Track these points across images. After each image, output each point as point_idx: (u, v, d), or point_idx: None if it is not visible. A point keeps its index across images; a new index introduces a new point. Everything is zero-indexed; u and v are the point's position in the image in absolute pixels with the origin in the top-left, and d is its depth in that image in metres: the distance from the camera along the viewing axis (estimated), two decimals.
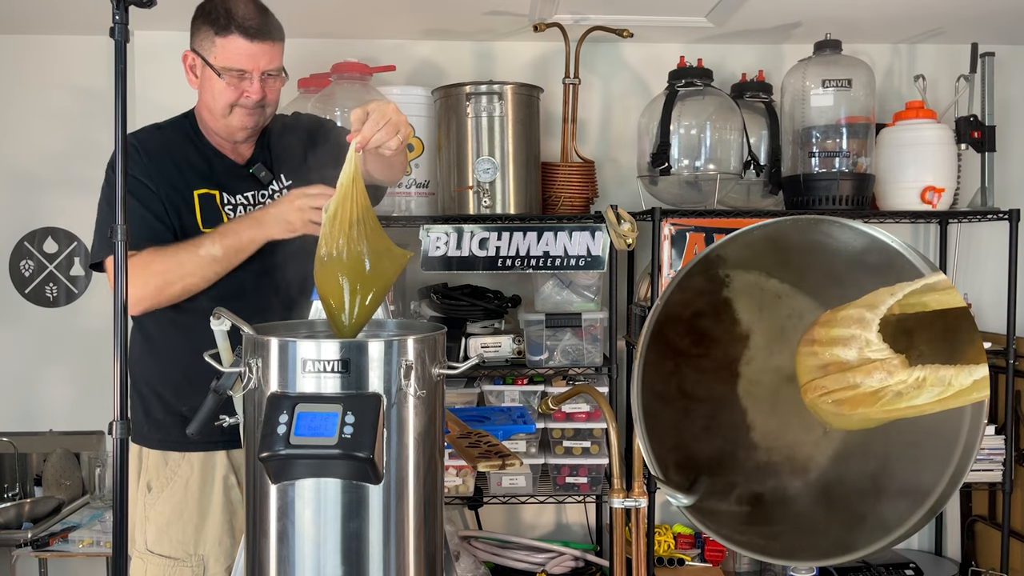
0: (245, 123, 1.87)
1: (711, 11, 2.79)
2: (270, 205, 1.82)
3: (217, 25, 1.79)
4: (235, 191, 1.92)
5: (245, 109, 1.84)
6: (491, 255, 2.70)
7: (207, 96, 1.86)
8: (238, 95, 1.82)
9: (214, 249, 1.78)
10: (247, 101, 1.83)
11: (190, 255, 1.79)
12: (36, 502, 2.93)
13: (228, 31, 1.78)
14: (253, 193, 1.94)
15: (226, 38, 1.79)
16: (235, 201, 1.91)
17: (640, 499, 1.75)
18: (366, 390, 1.30)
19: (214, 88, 1.83)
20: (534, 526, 3.24)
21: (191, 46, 1.85)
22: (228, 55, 1.80)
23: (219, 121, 1.87)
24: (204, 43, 1.82)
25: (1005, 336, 2.80)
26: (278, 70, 1.86)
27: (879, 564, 2.87)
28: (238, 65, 1.80)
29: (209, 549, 1.89)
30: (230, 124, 1.87)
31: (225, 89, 1.82)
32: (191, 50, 1.85)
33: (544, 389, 2.79)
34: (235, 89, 1.82)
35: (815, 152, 2.77)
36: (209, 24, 1.80)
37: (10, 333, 3.14)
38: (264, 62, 1.82)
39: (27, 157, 3.11)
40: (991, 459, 2.83)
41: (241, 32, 1.79)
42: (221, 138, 1.92)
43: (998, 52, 2.91)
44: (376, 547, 1.32)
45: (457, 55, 3.14)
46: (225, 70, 1.80)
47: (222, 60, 1.80)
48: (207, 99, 1.86)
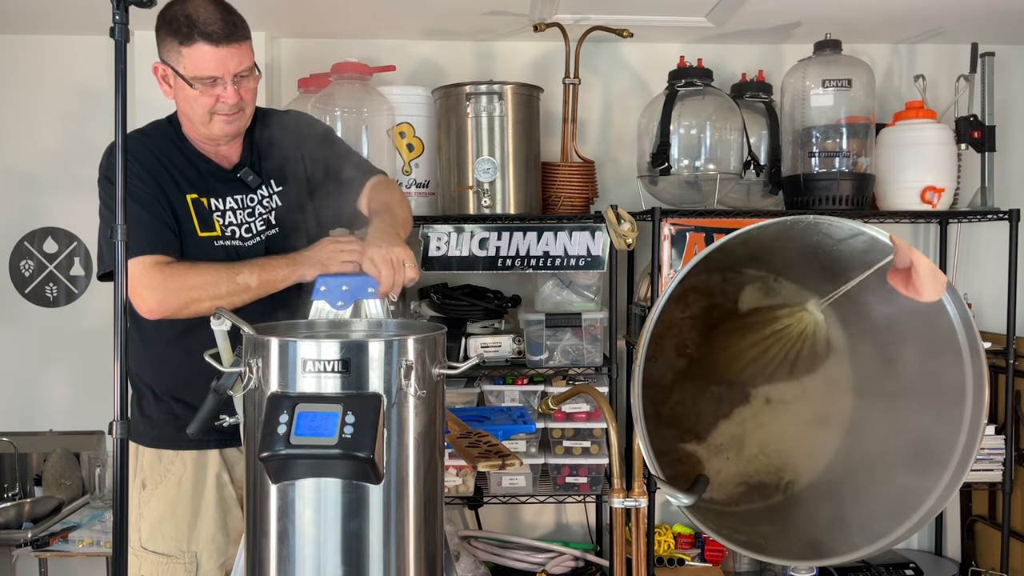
0: (226, 131, 1.86)
1: (711, 11, 2.79)
2: (305, 250, 1.83)
3: (180, 34, 1.74)
4: (223, 195, 1.90)
5: (224, 116, 1.82)
6: (491, 255, 2.70)
7: (184, 105, 1.84)
8: (214, 101, 1.80)
9: (251, 279, 1.78)
10: (223, 107, 1.81)
11: (227, 280, 1.77)
12: (36, 502, 2.93)
13: (192, 39, 1.74)
14: (241, 197, 1.92)
15: (191, 47, 1.74)
16: (223, 206, 1.90)
17: (640, 499, 1.75)
18: (366, 390, 1.30)
19: (188, 97, 1.80)
20: (534, 526, 3.24)
21: (160, 57, 1.81)
22: (196, 64, 1.76)
23: (200, 130, 1.86)
24: (171, 54, 1.77)
25: (1005, 336, 2.80)
26: (249, 69, 1.82)
27: (879, 564, 2.87)
28: (208, 73, 1.77)
29: (202, 546, 1.89)
30: (212, 132, 1.85)
31: (199, 97, 1.79)
32: (160, 61, 1.81)
33: (544, 389, 2.79)
34: (210, 96, 1.79)
35: (815, 152, 2.77)
36: (172, 34, 1.76)
37: (10, 333, 3.14)
38: (234, 64, 1.78)
39: (27, 157, 3.10)
40: (991, 459, 2.83)
41: (205, 39, 1.74)
42: (203, 142, 1.91)
43: (998, 52, 2.91)
44: (376, 547, 1.32)
45: (457, 55, 3.14)
46: (196, 79, 1.77)
47: (191, 69, 1.76)
48: (184, 108, 1.85)
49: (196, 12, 1.74)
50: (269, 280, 1.80)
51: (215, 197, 1.89)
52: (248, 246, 1.90)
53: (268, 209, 1.94)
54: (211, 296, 1.76)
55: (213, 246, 1.86)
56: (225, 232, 1.88)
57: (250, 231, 1.91)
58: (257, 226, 1.92)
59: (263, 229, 1.93)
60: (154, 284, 1.75)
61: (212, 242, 1.87)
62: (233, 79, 1.79)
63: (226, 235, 1.88)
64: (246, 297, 1.78)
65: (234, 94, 1.80)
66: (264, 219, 1.93)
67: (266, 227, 1.94)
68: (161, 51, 1.80)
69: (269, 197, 1.95)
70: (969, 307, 2.18)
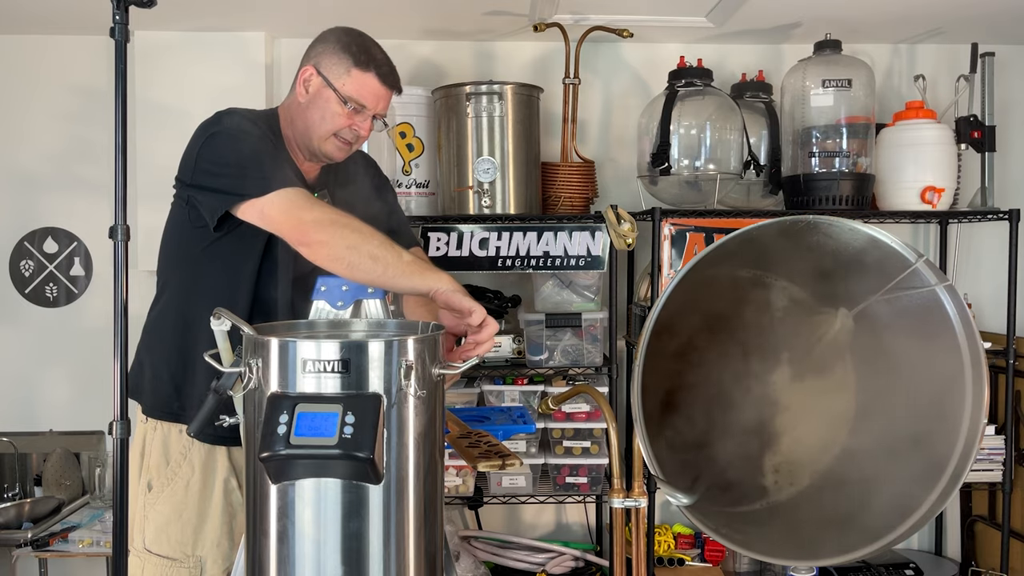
0: (335, 155, 1.93)
1: (711, 11, 2.79)
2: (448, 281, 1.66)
3: (357, 58, 1.86)
4: None
5: (342, 142, 1.90)
6: (491, 255, 2.70)
7: (315, 115, 1.89)
8: (348, 125, 1.88)
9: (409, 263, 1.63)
10: (350, 133, 1.89)
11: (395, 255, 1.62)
12: (36, 502, 2.93)
13: (368, 68, 1.87)
14: None
15: (364, 73, 1.87)
16: None
17: (640, 499, 1.75)
18: (366, 390, 1.30)
19: (328, 111, 1.87)
20: (534, 526, 3.24)
21: (315, 63, 1.88)
22: (360, 89, 1.87)
23: (314, 142, 1.91)
24: (335, 68, 1.87)
25: (1005, 336, 2.80)
26: (384, 119, 1.95)
27: (879, 564, 2.87)
28: (364, 101, 1.88)
29: (207, 551, 1.89)
30: (323, 149, 1.91)
31: (338, 115, 1.87)
32: (314, 69, 1.88)
33: (544, 389, 2.79)
34: (347, 119, 1.88)
35: (815, 152, 2.77)
36: (347, 54, 1.86)
37: (10, 333, 3.14)
38: (382, 106, 1.92)
39: (27, 157, 3.10)
40: (991, 459, 2.83)
41: (379, 73, 1.88)
42: (299, 150, 1.94)
43: (998, 52, 2.91)
44: (376, 547, 1.32)
45: (457, 55, 3.14)
46: (350, 99, 1.86)
47: (351, 90, 1.86)
48: (313, 118, 1.89)
49: (374, 50, 1.90)
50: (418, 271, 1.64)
51: None
52: None
53: None
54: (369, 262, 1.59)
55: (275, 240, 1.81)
56: None
57: None
58: None
59: None
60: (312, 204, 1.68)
61: None
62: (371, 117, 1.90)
63: None
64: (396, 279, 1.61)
65: (369, 128, 1.91)
66: None
67: None
68: (322, 62, 1.88)
69: None
70: (969, 307, 2.18)
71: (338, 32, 1.92)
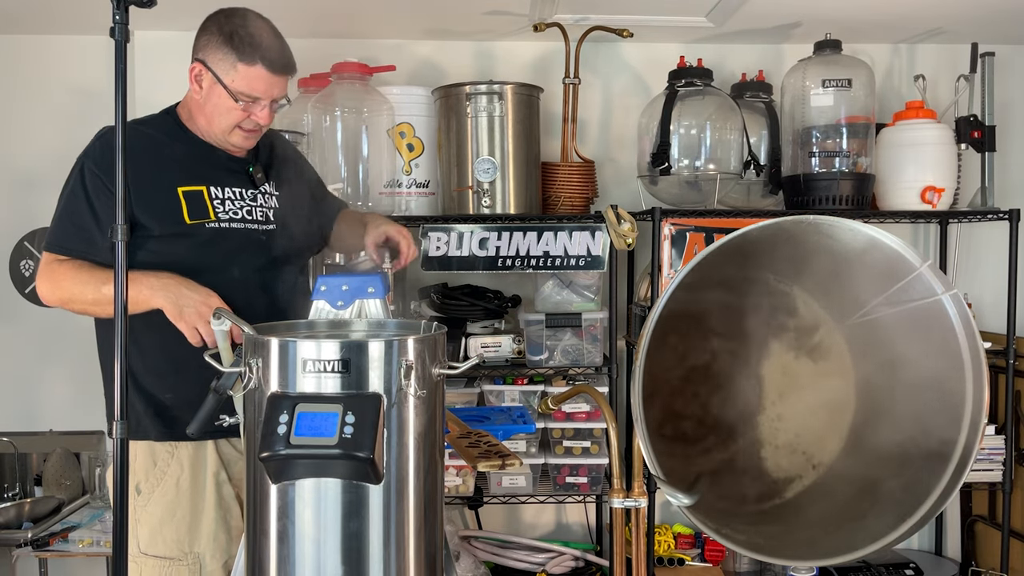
0: (244, 144, 1.94)
1: (711, 11, 2.79)
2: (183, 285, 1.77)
3: (241, 52, 1.81)
4: (225, 185, 1.92)
5: (246, 132, 1.90)
6: (491, 255, 2.70)
7: (211, 111, 1.88)
8: (245, 117, 1.87)
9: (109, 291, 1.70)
10: (250, 123, 1.88)
11: (94, 289, 1.78)
12: (36, 502, 2.93)
13: (253, 61, 1.81)
14: (241, 190, 1.94)
15: (250, 67, 1.82)
16: (223, 195, 1.91)
17: (640, 499, 1.75)
18: (366, 390, 1.30)
19: (222, 107, 1.86)
20: (534, 526, 3.24)
21: (202, 58, 1.84)
22: (248, 83, 1.83)
23: (217, 136, 1.91)
24: (222, 63, 1.82)
25: (1005, 336, 2.80)
26: (284, 98, 1.91)
27: (879, 564, 2.87)
28: (255, 93, 1.84)
29: (204, 546, 1.89)
30: (231, 140, 1.91)
31: (234, 110, 1.85)
32: (201, 63, 1.84)
33: (544, 389, 2.79)
34: (244, 112, 1.86)
35: (815, 152, 2.77)
36: (231, 47, 1.81)
37: (10, 333, 3.14)
38: (278, 92, 1.88)
39: (27, 157, 3.10)
40: (991, 459, 2.83)
41: (266, 64, 1.82)
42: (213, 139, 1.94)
43: (998, 52, 2.91)
44: (376, 547, 1.32)
45: (457, 55, 3.14)
46: (241, 95, 1.84)
47: (240, 86, 1.83)
48: (211, 113, 1.88)
49: (260, 35, 1.83)
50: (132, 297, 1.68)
51: (215, 186, 1.90)
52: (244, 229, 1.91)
53: (268, 207, 1.97)
54: (81, 302, 1.81)
55: (204, 228, 1.85)
56: (221, 217, 1.88)
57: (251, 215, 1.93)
58: (256, 217, 1.94)
59: (262, 221, 1.95)
60: (41, 276, 1.85)
61: (202, 226, 1.85)
62: (270, 103, 1.87)
63: (221, 219, 1.88)
64: (110, 310, 1.62)
65: (268, 116, 1.89)
66: (264, 213, 1.96)
67: (265, 221, 1.96)
68: (207, 55, 1.84)
69: (270, 196, 1.99)
70: (969, 307, 2.18)
71: (219, 20, 1.84)
